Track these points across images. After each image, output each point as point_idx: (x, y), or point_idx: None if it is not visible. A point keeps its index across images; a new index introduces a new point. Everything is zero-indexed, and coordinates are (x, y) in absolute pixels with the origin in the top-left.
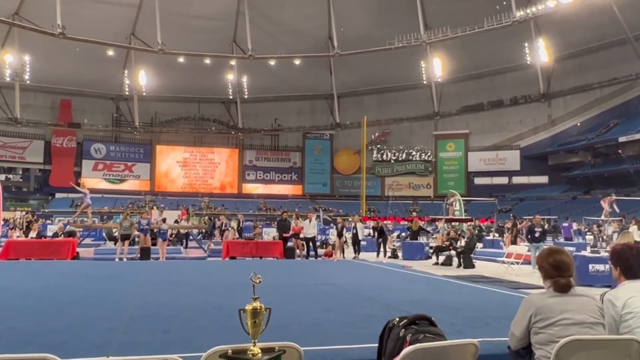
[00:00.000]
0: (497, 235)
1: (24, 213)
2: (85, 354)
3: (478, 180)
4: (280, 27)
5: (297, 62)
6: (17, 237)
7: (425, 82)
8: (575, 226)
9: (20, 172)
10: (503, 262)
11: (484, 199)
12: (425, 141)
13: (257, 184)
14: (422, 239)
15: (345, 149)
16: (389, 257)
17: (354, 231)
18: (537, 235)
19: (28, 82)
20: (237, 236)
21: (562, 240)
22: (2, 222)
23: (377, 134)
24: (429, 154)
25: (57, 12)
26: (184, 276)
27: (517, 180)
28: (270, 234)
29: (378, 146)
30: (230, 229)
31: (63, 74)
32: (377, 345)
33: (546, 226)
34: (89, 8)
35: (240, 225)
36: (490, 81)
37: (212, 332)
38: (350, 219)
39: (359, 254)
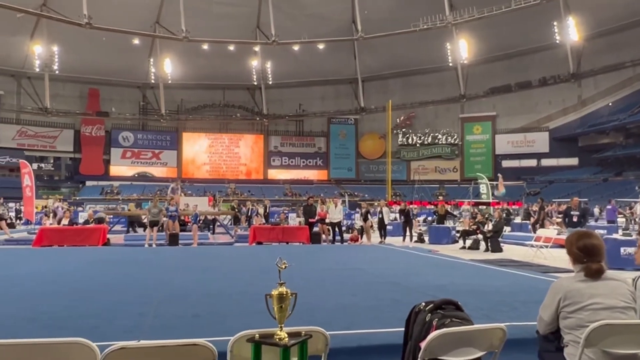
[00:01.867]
0: (524, 218)
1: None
2: (116, 338)
3: (506, 163)
4: (304, 11)
5: (320, 46)
6: (50, 224)
7: (451, 64)
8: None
9: (52, 161)
10: (532, 245)
11: (512, 182)
12: (451, 124)
13: (282, 169)
14: (449, 223)
15: (370, 133)
16: (415, 242)
17: (380, 216)
18: (574, 219)
19: (57, 72)
20: (264, 222)
21: (593, 223)
22: (35, 210)
23: (402, 118)
24: (455, 137)
25: (84, 2)
26: (212, 261)
27: (546, 162)
28: (295, 219)
29: (403, 130)
30: (256, 214)
31: (90, 63)
32: (403, 329)
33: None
34: None
35: (267, 210)
36: (518, 62)
37: (239, 316)
38: (376, 204)
39: (385, 238)
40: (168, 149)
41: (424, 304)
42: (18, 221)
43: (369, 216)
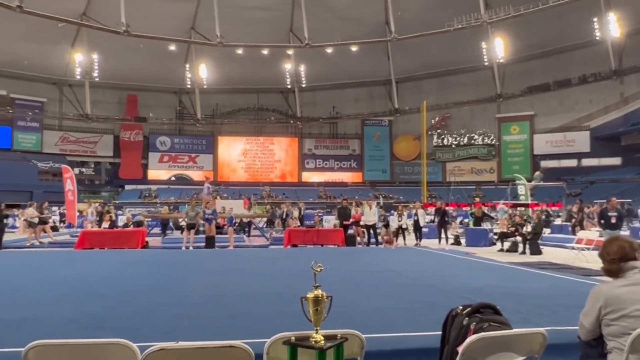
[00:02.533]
0: (566, 220)
1: (97, 205)
2: (155, 339)
3: (545, 164)
4: (336, 14)
5: (353, 48)
6: (91, 227)
7: (486, 64)
8: None
9: (92, 166)
10: (572, 248)
11: (551, 182)
12: (487, 124)
13: (316, 172)
14: (486, 225)
15: (405, 134)
16: (452, 244)
17: (415, 218)
18: (612, 220)
19: (97, 79)
20: (298, 224)
21: (637, 224)
22: (77, 214)
23: (437, 119)
24: (492, 137)
25: (122, 10)
26: (247, 264)
27: (587, 162)
28: (330, 221)
29: (438, 131)
30: (291, 217)
31: (129, 70)
32: (439, 333)
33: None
34: (151, 5)
35: (301, 213)
36: (557, 60)
37: (274, 318)
38: (411, 206)
39: (420, 240)
40: (204, 152)
41: (461, 307)
42: (61, 224)
43: (390, 221)
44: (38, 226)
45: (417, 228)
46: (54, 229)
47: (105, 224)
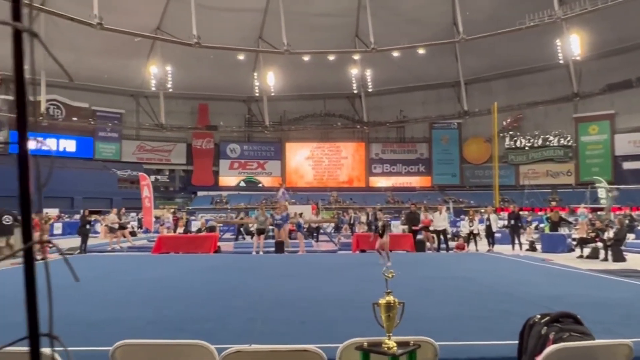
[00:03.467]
0: None
1: (171, 211)
2: (229, 342)
3: (627, 165)
4: (402, 17)
5: (420, 51)
6: (167, 232)
7: (561, 61)
8: None
9: (167, 173)
10: None
11: (635, 185)
12: (563, 125)
13: (384, 176)
14: (564, 230)
15: (475, 137)
16: (527, 250)
17: (487, 223)
18: None
19: (170, 90)
20: (366, 229)
21: None
22: (154, 219)
23: (508, 120)
24: (568, 138)
25: (193, 23)
26: (316, 269)
27: None
28: (398, 226)
29: (510, 133)
30: (359, 222)
31: (200, 80)
32: (516, 342)
33: None
34: (219, 17)
35: (369, 218)
36: (638, 55)
37: (345, 324)
38: (482, 210)
39: (493, 246)
40: (272, 159)
41: (539, 316)
42: (139, 230)
43: (461, 226)
44: (118, 231)
45: (489, 233)
46: (133, 234)
47: (180, 230)
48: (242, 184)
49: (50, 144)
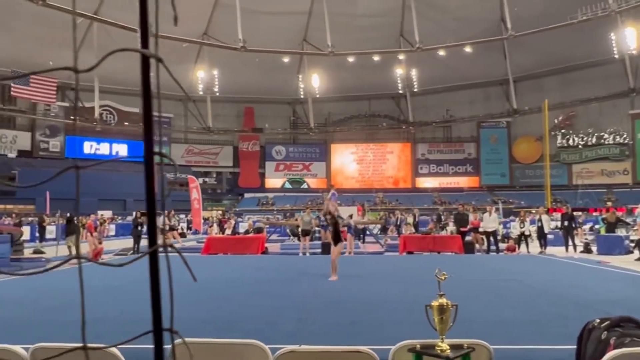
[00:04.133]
0: None
1: (219, 212)
2: (279, 342)
3: None
4: (448, 15)
5: (467, 49)
6: (215, 234)
7: (616, 56)
8: None
9: (214, 176)
10: None
11: None
12: (619, 122)
13: (430, 177)
14: (621, 232)
15: (525, 136)
16: (581, 252)
17: (539, 224)
18: None
19: (217, 94)
20: (413, 231)
21: None
22: (202, 221)
23: (560, 118)
24: (624, 136)
25: (239, 27)
26: (363, 270)
27: None
28: (447, 228)
29: (562, 131)
30: (406, 223)
31: (245, 83)
32: (573, 347)
33: None
34: (264, 20)
35: (416, 219)
36: None
37: (394, 325)
38: (533, 211)
39: (545, 248)
40: (317, 160)
41: (598, 320)
42: (188, 231)
43: (512, 227)
44: (168, 233)
45: (541, 235)
46: (182, 235)
47: (228, 231)
48: (288, 184)
49: (104, 148)
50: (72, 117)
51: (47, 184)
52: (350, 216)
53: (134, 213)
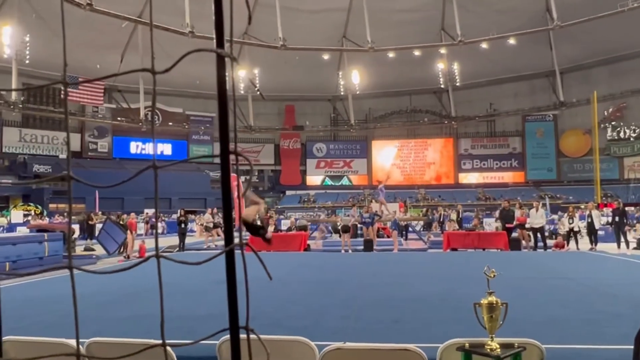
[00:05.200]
0: None
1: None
2: (324, 339)
3: None
4: (490, 6)
5: (511, 41)
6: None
7: None
8: None
9: (257, 174)
10: None
11: None
12: None
13: (474, 172)
14: None
15: (573, 129)
16: (634, 249)
17: (589, 220)
18: None
19: (258, 92)
20: (457, 227)
21: None
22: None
23: (610, 110)
24: None
25: (278, 26)
26: (407, 267)
27: None
28: (491, 224)
29: (613, 123)
30: (449, 220)
31: (286, 82)
32: (630, 347)
33: None
34: (304, 18)
35: (460, 216)
36: None
37: (438, 323)
38: (582, 206)
39: (596, 245)
40: (358, 157)
41: None
42: None
43: (560, 224)
44: (213, 230)
45: (591, 231)
46: None
47: (270, 228)
48: (328, 181)
49: (149, 148)
50: (117, 118)
51: (96, 183)
52: (395, 212)
53: (178, 211)
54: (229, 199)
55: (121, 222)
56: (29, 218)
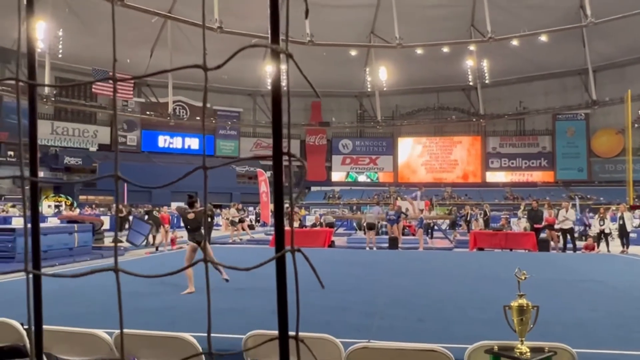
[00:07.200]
0: None
1: (286, 206)
2: (347, 336)
3: None
4: (522, 3)
5: (543, 38)
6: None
7: None
8: None
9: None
10: None
11: None
12: None
13: (502, 171)
14: None
15: (605, 128)
16: None
17: (621, 222)
18: None
19: (284, 88)
20: (484, 227)
21: None
22: (270, 213)
23: None
24: None
25: (306, 22)
26: (432, 266)
27: None
28: (519, 224)
29: None
30: (476, 219)
31: (313, 77)
32: None
33: None
34: (331, 14)
35: (487, 215)
36: None
37: (463, 324)
38: (614, 208)
39: (627, 247)
40: (384, 154)
41: None
42: (257, 223)
43: (591, 226)
44: (238, 224)
45: (623, 233)
46: (251, 227)
47: (295, 224)
48: (352, 176)
49: (177, 142)
50: (147, 112)
51: (124, 176)
52: (421, 211)
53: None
54: (282, 201)
55: (155, 214)
56: (62, 209)
